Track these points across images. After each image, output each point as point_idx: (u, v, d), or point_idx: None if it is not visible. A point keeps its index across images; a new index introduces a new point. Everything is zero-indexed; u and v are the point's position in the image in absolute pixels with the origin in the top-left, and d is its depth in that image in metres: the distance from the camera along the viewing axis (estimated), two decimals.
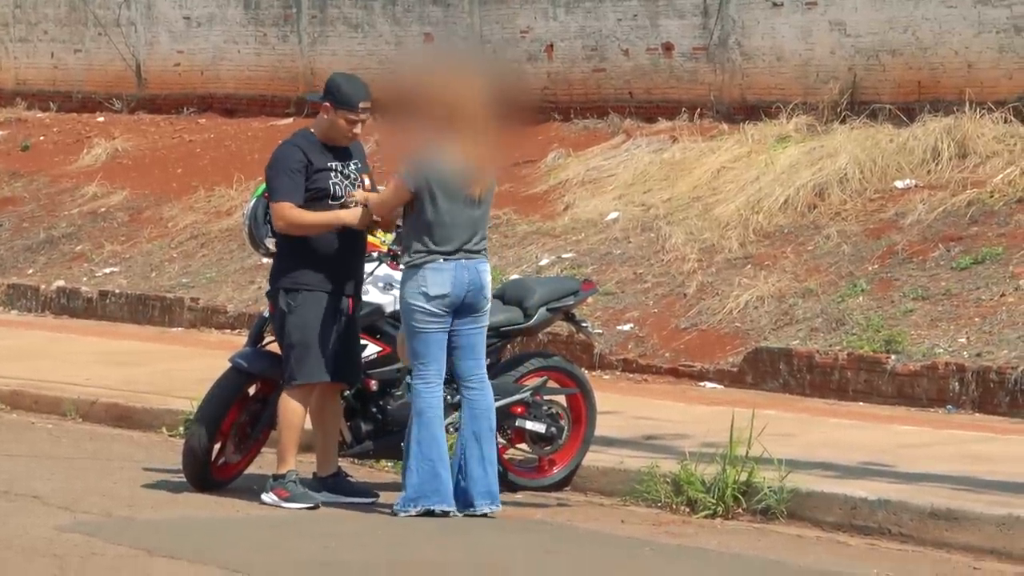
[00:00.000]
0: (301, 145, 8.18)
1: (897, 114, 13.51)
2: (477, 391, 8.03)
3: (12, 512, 7.76)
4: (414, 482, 7.90)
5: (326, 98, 8.23)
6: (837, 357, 10.98)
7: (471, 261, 7.97)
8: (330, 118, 8.20)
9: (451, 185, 7.95)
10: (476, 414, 8.00)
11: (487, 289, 8.04)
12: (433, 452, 7.88)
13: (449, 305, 7.93)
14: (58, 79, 19.32)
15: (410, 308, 7.96)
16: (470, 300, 7.96)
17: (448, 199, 7.94)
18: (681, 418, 10.08)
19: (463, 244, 7.97)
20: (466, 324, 7.99)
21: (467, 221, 7.97)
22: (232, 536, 7.52)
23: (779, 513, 8.15)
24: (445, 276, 7.91)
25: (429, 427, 7.90)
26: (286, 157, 8.16)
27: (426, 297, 7.91)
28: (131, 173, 16.96)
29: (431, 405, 7.93)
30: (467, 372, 8.04)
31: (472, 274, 7.96)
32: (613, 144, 14.73)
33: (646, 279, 12.61)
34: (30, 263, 15.71)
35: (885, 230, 12.36)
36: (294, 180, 8.09)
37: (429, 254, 7.93)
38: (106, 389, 11.05)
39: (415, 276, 7.94)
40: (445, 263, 7.92)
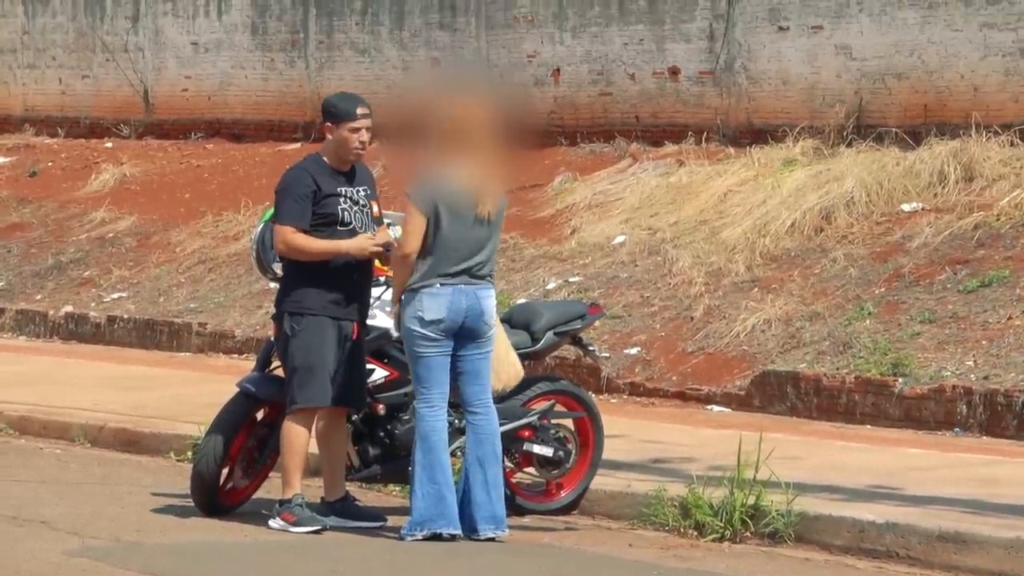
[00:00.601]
0: (310, 170, 8.21)
1: (903, 137, 13.53)
2: (482, 416, 8.03)
3: (21, 537, 7.77)
4: (420, 506, 7.90)
5: (326, 119, 8.27)
6: (844, 380, 10.98)
7: (471, 287, 7.94)
8: (335, 137, 8.22)
9: (458, 205, 7.94)
10: (481, 439, 8.00)
11: (488, 315, 8.00)
12: (438, 476, 7.88)
13: (445, 330, 7.92)
14: (66, 105, 19.38)
15: (409, 332, 7.97)
16: (470, 325, 7.95)
17: (454, 220, 7.93)
18: (688, 441, 10.08)
19: (467, 268, 7.95)
20: (469, 350, 7.99)
21: (472, 243, 7.95)
22: (241, 561, 7.52)
23: (787, 536, 8.15)
24: (441, 301, 7.90)
25: (434, 451, 7.91)
26: (295, 181, 8.19)
27: (421, 322, 7.91)
28: (139, 198, 17.00)
29: (435, 429, 7.93)
30: (471, 397, 8.04)
31: (471, 300, 7.94)
32: (619, 168, 14.75)
33: (653, 302, 12.62)
34: (38, 289, 15.74)
35: (892, 253, 12.37)
36: (300, 205, 8.12)
37: (426, 278, 7.93)
38: (114, 414, 11.06)
39: (412, 301, 7.94)
40: (441, 288, 7.91)
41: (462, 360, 7.99)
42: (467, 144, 7.97)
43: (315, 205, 8.13)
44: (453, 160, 7.99)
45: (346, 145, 8.23)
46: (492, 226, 8.04)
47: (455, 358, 7.99)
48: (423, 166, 8.15)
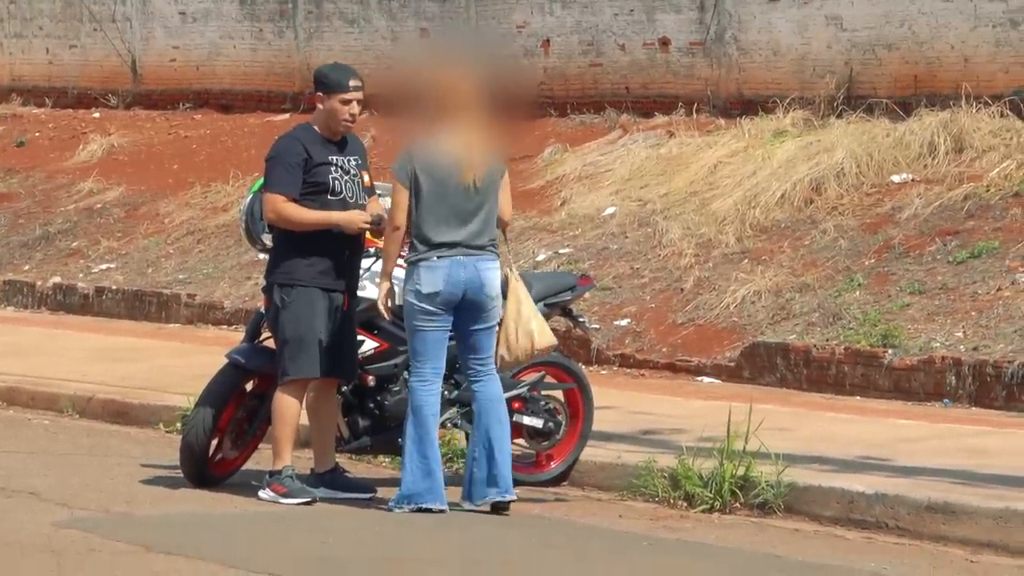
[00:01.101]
0: (302, 138, 8.19)
1: (893, 108, 13.51)
2: (484, 383, 7.99)
3: (9, 508, 7.76)
4: (408, 480, 7.89)
5: (317, 89, 8.24)
6: (834, 351, 10.99)
7: (470, 258, 7.89)
8: (326, 107, 8.20)
9: (440, 173, 7.89)
10: (485, 407, 7.97)
11: (490, 287, 7.93)
12: (428, 450, 7.87)
13: (443, 303, 7.88)
14: (53, 75, 19.30)
15: (408, 304, 7.94)
16: (471, 298, 7.90)
17: (437, 188, 7.86)
18: (678, 413, 10.09)
19: (462, 239, 7.90)
20: (472, 323, 7.93)
21: (461, 212, 7.89)
22: (230, 532, 7.52)
23: (776, 507, 8.16)
24: (437, 274, 7.85)
25: (424, 425, 7.89)
26: (286, 150, 8.17)
27: (419, 295, 7.87)
28: (127, 169, 16.95)
29: (427, 403, 7.91)
30: (472, 369, 8.00)
31: (470, 272, 7.89)
32: (610, 139, 14.72)
33: (643, 274, 12.61)
34: (26, 259, 15.70)
35: (882, 224, 12.37)
36: (291, 173, 8.10)
37: (424, 252, 7.90)
38: (103, 385, 11.05)
39: (411, 274, 7.92)
40: (439, 261, 7.86)
41: (465, 333, 7.95)
42: (453, 114, 7.93)
43: (306, 174, 8.11)
44: (440, 130, 7.95)
45: (336, 116, 8.20)
46: (482, 194, 7.95)
47: (458, 331, 7.95)
48: (409, 137, 8.12)
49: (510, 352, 8.04)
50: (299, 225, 8.09)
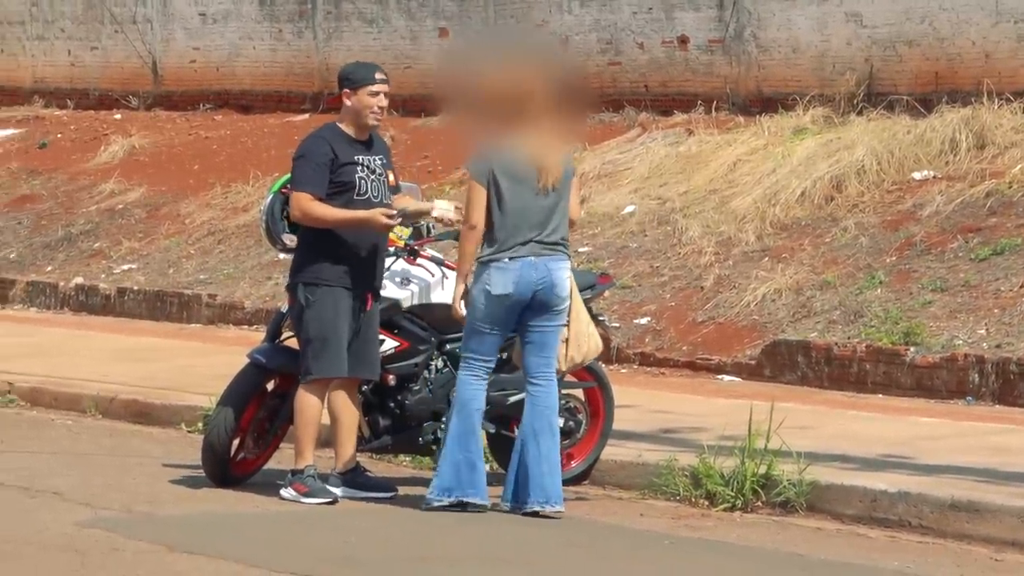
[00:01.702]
0: (328, 138, 8.20)
1: (914, 105, 13.48)
2: (542, 388, 7.96)
3: (33, 508, 7.78)
4: (448, 473, 7.86)
5: (343, 87, 8.25)
6: (855, 349, 10.97)
7: (542, 258, 7.87)
8: (353, 104, 8.21)
9: (517, 176, 7.88)
10: (539, 411, 7.94)
11: (560, 287, 7.91)
12: (471, 445, 7.86)
13: (513, 305, 7.86)
14: (75, 77, 19.35)
15: (474, 302, 7.91)
16: (541, 298, 7.88)
17: (515, 192, 7.87)
18: (699, 411, 10.08)
19: (535, 236, 7.88)
20: (540, 321, 7.92)
21: (537, 212, 7.87)
22: (252, 531, 7.54)
23: (799, 506, 8.14)
24: (508, 276, 7.84)
25: (470, 419, 7.88)
26: (313, 149, 8.18)
27: (488, 296, 7.86)
28: (148, 170, 16.99)
29: (474, 398, 7.89)
30: (535, 368, 7.97)
31: (542, 272, 7.87)
32: (629, 137, 14.71)
33: (663, 272, 12.60)
34: (49, 260, 15.75)
35: (903, 222, 12.34)
36: (318, 172, 8.10)
37: (495, 253, 7.87)
38: (125, 385, 11.07)
39: (482, 274, 7.89)
40: (510, 263, 7.85)
41: (531, 331, 7.94)
42: (524, 114, 7.91)
43: (332, 173, 8.12)
44: (510, 129, 7.93)
45: (364, 111, 8.21)
46: (558, 193, 7.95)
47: (525, 328, 7.93)
48: (479, 138, 8.10)
49: (580, 353, 8.05)
50: (325, 223, 8.10)
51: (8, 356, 12.24)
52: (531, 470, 7.89)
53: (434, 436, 8.48)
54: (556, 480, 7.93)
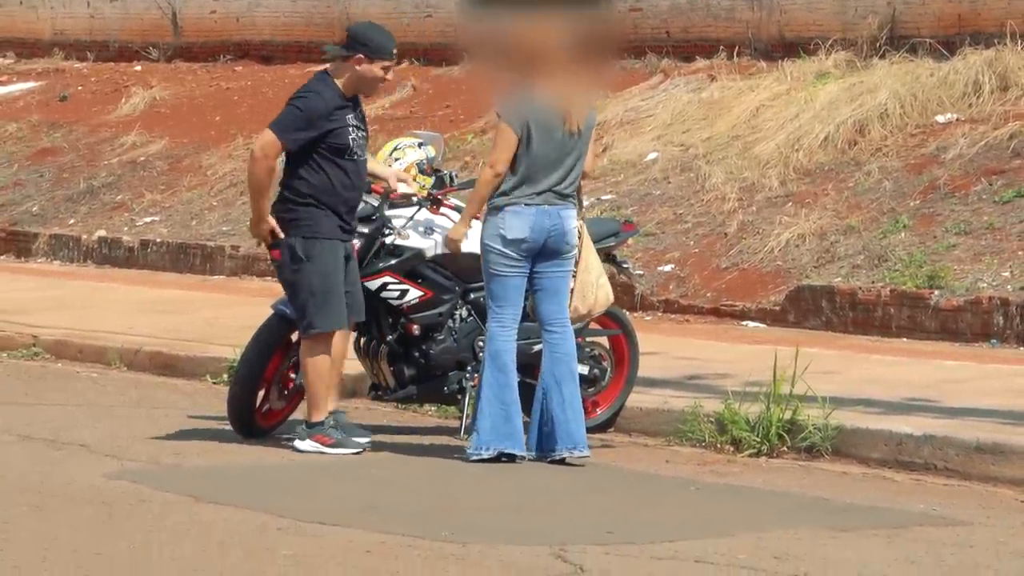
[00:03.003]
0: (328, 98, 8.02)
1: (937, 48, 13.40)
2: (559, 335, 7.97)
3: (60, 460, 7.82)
4: (487, 426, 7.86)
5: (359, 50, 8.11)
6: (880, 294, 10.94)
7: (555, 207, 7.87)
8: (363, 70, 8.11)
9: (548, 122, 7.85)
10: (557, 358, 7.95)
11: (570, 235, 7.93)
12: (507, 396, 7.86)
13: (527, 250, 7.87)
14: (95, 29, 19.32)
15: (488, 249, 7.90)
16: (552, 245, 7.89)
17: (545, 137, 7.85)
18: (724, 357, 10.07)
19: (552, 186, 7.87)
20: (550, 267, 7.93)
21: (560, 160, 7.87)
22: (279, 482, 7.57)
23: (824, 451, 8.14)
24: (524, 220, 7.84)
25: (504, 371, 7.88)
26: (312, 106, 8.00)
27: (503, 240, 7.85)
28: (169, 122, 16.98)
29: (507, 349, 7.89)
30: (549, 316, 7.98)
31: (554, 219, 7.87)
32: (651, 84, 14.65)
33: (686, 219, 12.57)
34: (71, 213, 15.77)
35: (926, 165, 12.28)
36: (301, 128, 7.94)
37: (512, 196, 7.86)
38: (150, 338, 11.11)
39: (495, 218, 7.88)
40: (526, 208, 7.84)
41: (541, 277, 7.94)
42: (551, 59, 7.88)
43: (327, 135, 8.01)
44: (537, 75, 7.89)
45: (374, 82, 8.14)
46: (580, 141, 7.94)
47: (534, 275, 7.93)
48: (511, 84, 8.07)
49: (584, 304, 8.04)
50: (255, 186, 7.97)
51: (32, 309, 12.28)
52: (556, 417, 7.90)
53: (459, 385, 8.49)
54: (581, 426, 7.95)
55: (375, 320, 8.51)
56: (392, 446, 8.32)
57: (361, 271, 8.43)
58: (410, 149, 8.79)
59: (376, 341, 8.54)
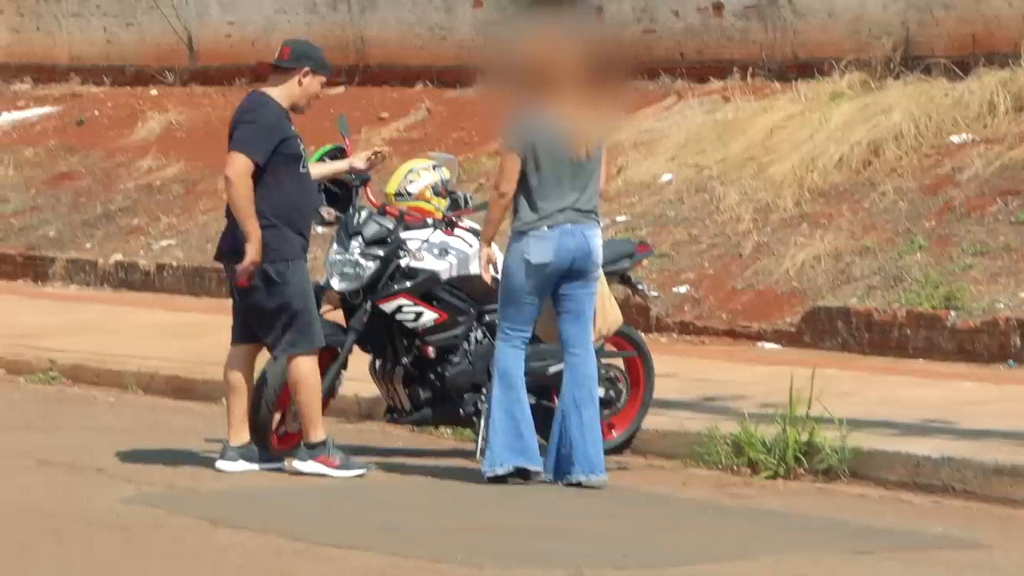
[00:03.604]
0: (276, 111, 8.11)
1: (951, 68, 13.39)
2: (580, 358, 7.96)
3: (77, 485, 7.83)
4: (500, 442, 7.86)
5: (304, 63, 8.18)
6: (896, 315, 10.92)
7: (578, 225, 7.87)
8: (307, 84, 8.16)
9: (555, 146, 7.88)
10: (579, 381, 7.95)
11: (596, 254, 7.93)
12: (517, 412, 7.86)
13: (552, 273, 7.87)
14: (111, 53, 19.38)
15: (510, 274, 7.91)
16: (578, 266, 7.90)
17: (551, 160, 7.86)
18: (739, 379, 10.06)
19: (571, 204, 7.87)
20: (575, 288, 7.93)
21: (572, 181, 7.88)
22: (295, 505, 7.57)
23: (841, 473, 8.13)
24: (548, 244, 7.84)
25: (513, 388, 7.88)
26: (265, 116, 8.04)
27: (528, 265, 7.86)
28: (185, 145, 17.02)
29: (515, 366, 7.90)
30: (572, 337, 7.98)
31: (579, 240, 7.88)
32: (665, 106, 14.66)
33: (701, 240, 12.57)
34: (88, 238, 15.80)
35: (942, 186, 12.27)
36: (263, 141, 8.00)
37: (533, 221, 7.86)
38: (166, 361, 11.12)
39: (519, 243, 7.88)
40: (549, 231, 7.85)
41: (566, 298, 7.94)
42: (558, 83, 7.91)
43: (281, 145, 8.04)
44: (545, 99, 7.92)
45: (313, 97, 8.21)
46: (592, 163, 7.95)
47: (559, 297, 7.94)
48: (515, 107, 8.09)
49: (605, 323, 8.06)
50: (236, 207, 7.97)
51: (50, 333, 12.31)
52: (574, 440, 7.89)
53: (475, 407, 8.50)
54: (599, 449, 7.94)
55: (390, 342, 8.52)
56: (408, 468, 8.31)
57: (376, 294, 8.45)
58: (425, 171, 8.82)
59: (391, 364, 8.55)
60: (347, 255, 8.50)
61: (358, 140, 15.04)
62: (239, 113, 8.19)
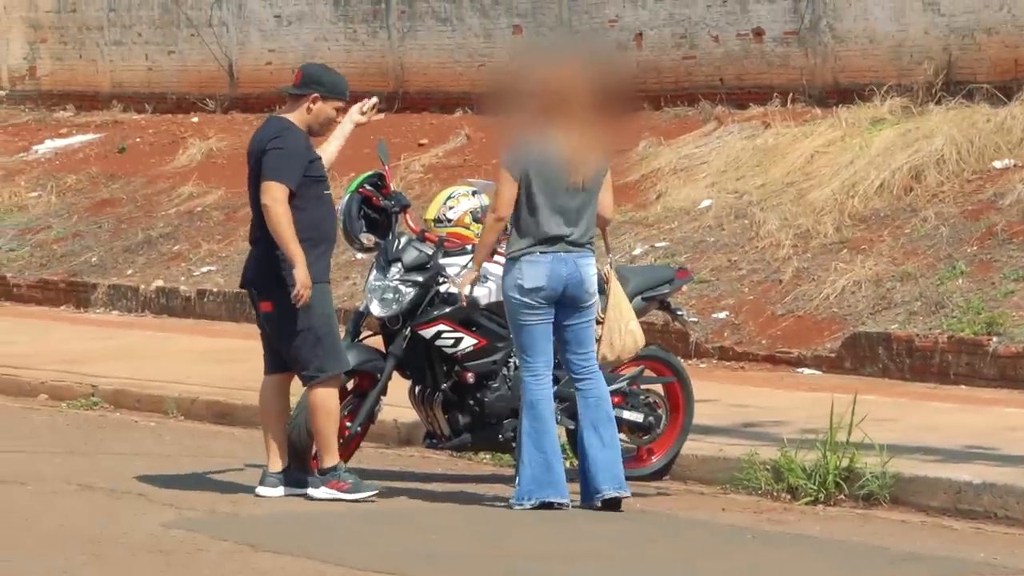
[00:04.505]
0: (299, 134, 8.14)
1: (994, 93, 13.34)
2: (588, 381, 7.98)
3: (118, 509, 7.86)
4: (528, 475, 7.87)
5: (314, 89, 8.20)
6: (937, 340, 10.87)
7: (571, 254, 7.90)
8: (317, 109, 8.18)
9: (551, 173, 7.90)
10: (591, 403, 7.96)
11: (589, 283, 7.95)
12: (546, 444, 7.87)
13: (546, 298, 7.89)
14: (153, 81, 19.51)
15: (509, 300, 7.95)
16: (571, 293, 7.91)
17: (548, 188, 7.88)
18: (779, 405, 10.02)
19: (564, 235, 7.90)
20: (571, 318, 7.95)
21: (568, 211, 7.90)
22: (335, 530, 7.57)
23: (882, 498, 8.08)
24: (540, 269, 7.87)
25: (541, 419, 7.89)
26: (292, 141, 8.08)
27: (521, 290, 7.89)
28: (225, 172, 17.09)
29: (543, 398, 7.91)
30: (575, 366, 8.00)
31: (571, 268, 7.90)
32: (704, 131, 14.65)
33: (741, 266, 12.54)
34: (129, 264, 15.88)
35: (984, 211, 12.22)
36: (294, 166, 8.03)
37: (526, 247, 7.90)
38: (207, 387, 11.15)
39: (512, 269, 7.93)
40: (542, 256, 7.88)
41: (565, 329, 7.96)
42: (560, 111, 7.92)
43: (308, 166, 8.08)
44: (546, 127, 7.94)
45: (326, 121, 8.23)
46: (588, 193, 7.97)
47: (558, 327, 7.96)
48: (515, 132, 8.10)
49: (612, 351, 8.05)
50: (278, 233, 7.98)
51: (91, 359, 12.37)
52: (598, 460, 7.91)
53: (513, 433, 8.49)
54: (620, 466, 7.96)
55: (430, 368, 8.52)
56: (447, 494, 8.31)
57: (416, 319, 8.47)
58: (464, 197, 8.83)
59: (431, 389, 8.55)
60: (386, 281, 8.51)
61: (398, 167, 15.09)
62: (263, 139, 8.20)
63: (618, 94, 8.33)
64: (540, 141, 7.95)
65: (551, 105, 7.94)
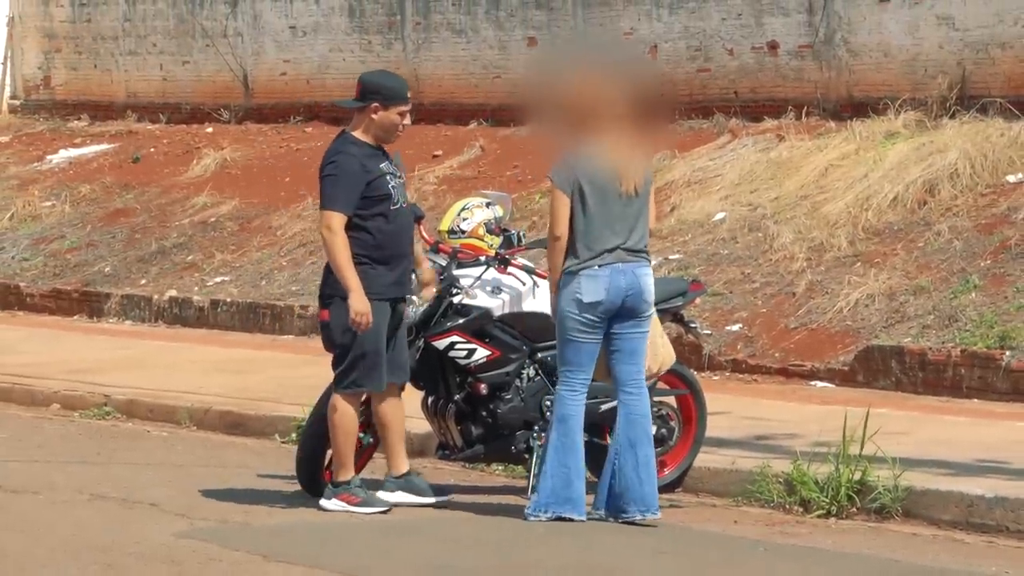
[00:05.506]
0: (356, 154, 8.12)
1: (1008, 108, 13.34)
2: (635, 396, 7.95)
3: (130, 519, 7.87)
4: (548, 487, 7.86)
5: (372, 99, 8.16)
6: (950, 354, 10.86)
7: (629, 264, 7.88)
8: (379, 118, 8.15)
9: (602, 184, 7.89)
10: (634, 420, 7.93)
11: (647, 293, 7.93)
12: (570, 460, 7.85)
13: (604, 312, 7.87)
14: (167, 91, 19.56)
15: (564, 314, 7.91)
16: (630, 305, 7.89)
17: (600, 198, 7.88)
18: (792, 418, 10.02)
19: (621, 243, 7.88)
20: (627, 328, 7.92)
21: (622, 219, 7.89)
22: (347, 541, 7.58)
23: (894, 512, 8.08)
24: (599, 283, 7.84)
25: (570, 434, 7.87)
26: (345, 168, 8.07)
27: (580, 305, 7.86)
28: (239, 183, 17.13)
29: (575, 413, 7.89)
30: (626, 377, 7.97)
31: (630, 279, 7.89)
32: (719, 144, 14.66)
33: (754, 279, 12.54)
34: (142, 274, 15.92)
35: (997, 225, 12.21)
36: (349, 191, 8.02)
37: (584, 261, 7.88)
38: (219, 397, 11.17)
39: (571, 283, 7.89)
40: (600, 270, 7.85)
41: (619, 338, 7.93)
42: (602, 120, 7.92)
43: (366, 188, 8.07)
44: (591, 138, 7.94)
45: (392, 128, 8.18)
46: (640, 200, 7.96)
47: (611, 336, 7.92)
48: (560, 147, 8.10)
49: (655, 362, 8.05)
50: (333, 259, 8.00)
51: (104, 369, 12.39)
52: (629, 480, 7.87)
53: (527, 445, 8.49)
54: (653, 489, 7.92)
55: (443, 379, 8.53)
56: (460, 505, 8.31)
57: (429, 330, 8.47)
58: (478, 209, 8.84)
59: (444, 400, 8.56)
60: None
61: (412, 178, 15.11)
62: (323, 163, 8.24)
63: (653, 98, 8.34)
64: (587, 153, 7.94)
65: (592, 115, 7.94)
